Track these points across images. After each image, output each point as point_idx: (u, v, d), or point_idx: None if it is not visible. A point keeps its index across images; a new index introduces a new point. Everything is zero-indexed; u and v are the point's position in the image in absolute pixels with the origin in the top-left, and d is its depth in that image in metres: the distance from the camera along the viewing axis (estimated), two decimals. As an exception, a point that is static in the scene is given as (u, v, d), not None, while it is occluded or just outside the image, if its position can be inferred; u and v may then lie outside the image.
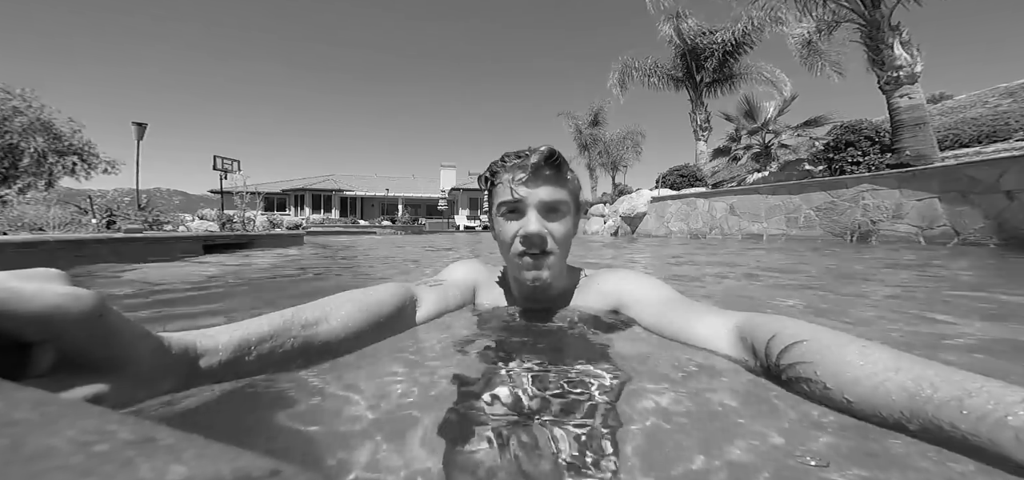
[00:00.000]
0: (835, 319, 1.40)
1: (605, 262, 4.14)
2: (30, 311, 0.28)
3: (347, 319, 0.63)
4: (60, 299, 0.29)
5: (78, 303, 0.31)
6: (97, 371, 0.34)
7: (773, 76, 14.99)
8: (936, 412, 0.36)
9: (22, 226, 5.64)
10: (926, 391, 0.38)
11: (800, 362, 0.49)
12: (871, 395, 0.42)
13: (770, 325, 0.57)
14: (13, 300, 0.27)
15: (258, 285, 2.47)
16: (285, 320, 0.55)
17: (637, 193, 12.59)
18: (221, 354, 0.47)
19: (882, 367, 0.43)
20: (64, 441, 0.16)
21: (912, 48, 7.71)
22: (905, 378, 0.40)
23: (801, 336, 0.51)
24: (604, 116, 25.20)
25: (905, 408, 0.39)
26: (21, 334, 0.29)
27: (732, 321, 0.66)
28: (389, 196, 32.01)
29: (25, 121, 11.96)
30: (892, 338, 1.13)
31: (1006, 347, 1.02)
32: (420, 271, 3.16)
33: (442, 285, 0.94)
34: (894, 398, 0.40)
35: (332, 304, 0.64)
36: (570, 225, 0.85)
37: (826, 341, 0.49)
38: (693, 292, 2.00)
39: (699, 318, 0.71)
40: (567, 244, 0.86)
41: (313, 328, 0.58)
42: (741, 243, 7.16)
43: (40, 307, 0.28)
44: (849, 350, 0.46)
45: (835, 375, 0.46)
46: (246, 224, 9.05)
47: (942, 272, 2.66)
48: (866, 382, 0.43)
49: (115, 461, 0.15)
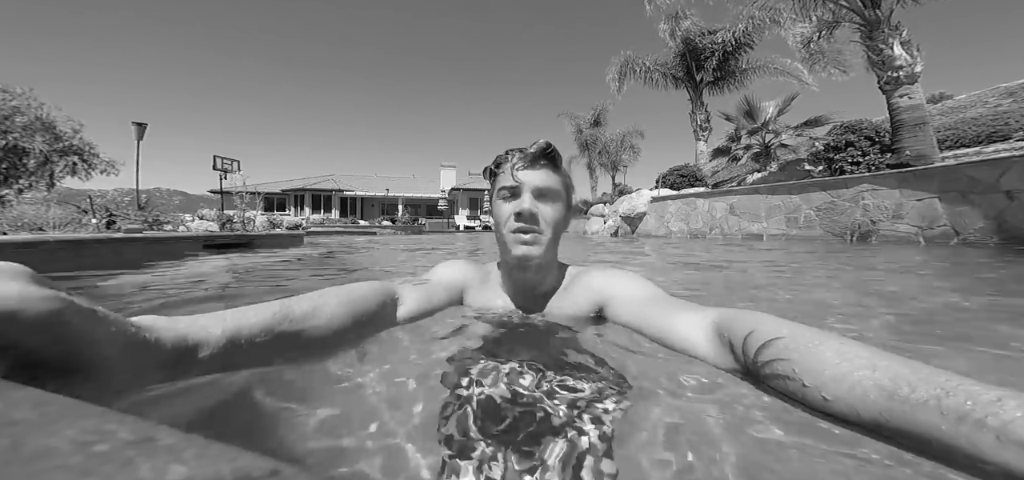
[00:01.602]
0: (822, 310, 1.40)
1: (604, 262, 4.14)
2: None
3: (332, 314, 0.64)
4: (11, 303, 0.28)
5: (30, 306, 0.29)
6: (58, 370, 0.33)
7: (786, 67, 14.47)
8: (913, 413, 0.36)
9: (22, 226, 5.64)
10: (904, 390, 0.37)
11: (777, 359, 0.49)
12: (848, 394, 0.42)
13: (748, 321, 0.57)
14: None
15: (258, 285, 2.47)
16: (273, 313, 0.55)
17: (637, 193, 12.59)
18: (213, 345, 0.47)
19: (859, 365, 0.42)
20: (64, 441, 0.16)
21: (912, 48, 7.70)
22: (882, 377, 0.40)
23: (779, 333, 0.51)
24: (605, 116, 25.22)
25: (883, 408, 0.38)
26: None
27: (710, 317, 0.66)
28: (389, 196, 32.00)
29: (25, 121, 11.95)
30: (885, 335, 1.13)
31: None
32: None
33: (427, 284, 0.95)
34: (872, 398, 0.40)
35: (318, 299, 0.65)
36: (561, 212, 0.92)
37: (804, 338, 0.49)
38: (697, 283, 2.00)
39: (678, 315, 0.73)
40: (557, 230, 0.92)
41: (300, 323, 0.59)
42: (742, 243, 7.16)
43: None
44: (826, 347, 0.46)
45: (813, 373, 0.45)
46: (246, 224, 9.04)
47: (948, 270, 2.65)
48: (843, 381, 0.42)
49: (115, 461, 0.15)
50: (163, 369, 0.42)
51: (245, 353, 0.50)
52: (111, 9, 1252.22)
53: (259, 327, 0.52)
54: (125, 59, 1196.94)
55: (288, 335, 0.56)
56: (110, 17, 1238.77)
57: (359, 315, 0.70)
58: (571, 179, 0.98)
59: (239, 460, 0.15)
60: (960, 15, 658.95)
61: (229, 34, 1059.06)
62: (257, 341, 0.51)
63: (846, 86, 13.19)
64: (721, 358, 0.62)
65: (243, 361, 0.50)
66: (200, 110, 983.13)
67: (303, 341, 0.59)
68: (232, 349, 0.48)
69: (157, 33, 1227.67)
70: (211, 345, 0.46)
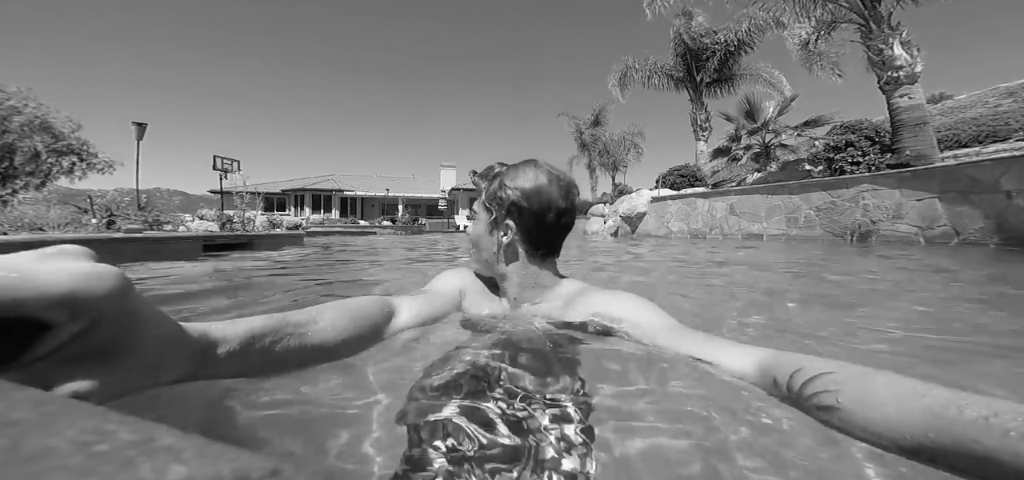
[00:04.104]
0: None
1: (607, 262, 4.14)
2: (40, 295, 0.28)
3: (332, 321, 0.65)
4: (78, 281, 0.29)
5: (100, 283, 0.30)
6: (106, 353, 0.33)
7: (772, 78, 15.02)
8: (962, 431, 0.36)
9: (22, 226, 5.64)
10: (952, 412, 0.38)
11: (825, 390, 0.48)
12: (895, 417, 0.42)
13: (794, 361, 0.55)
14: (19, 285, 0.27)
15: (258, 285, 2.47)
16: (277, 320, 0.56)
17: (637, 193, 12.59)
18: (230, 344, 0.47)
19: (908, 391, 0.42)
20: (64, 441, 0.16)
21: (912, 48, 7.71)
22: (932, 402, 0.40)
23: (827, 369, 0.50)
24: (605, 117, 25.23)
25: (930, 428, 0.38)
26: (42, 317, 0.29)
27: (755, 356, 0.62)
28: (389, 196, 32.00)
29: (23, 120, 11.94)
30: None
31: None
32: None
33: (425, 294, 0.95)
34: (919, 419, 0.40)
35: (319, 309, 0.66)
36: (482, 227, 0.98)
37: (853, 372, 0.49)
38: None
39: (715, 348, 0.67)
40: (481, 242, 0.99)
41: (304, 328, 0.59)
42: (742, 243, 7.16)
43: (53, 291, 0.28)
44: (875, 379, 0.46)
45: (860, 401, 0.45)
46: (246, 224, 9.04)
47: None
48: (891, 405, 0.42)
49: (115, 461, 0.15)
50: (191, 362, 0.43)
51: (257, 355, 0.51)
52: (111, 9, 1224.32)
53: (268, 329, 0.53)
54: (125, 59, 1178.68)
55: (292, 338, 0.57)
56: (110, 17, 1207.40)
57: (358, 322, 0.70)
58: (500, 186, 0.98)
59: (239, 460, 0.15)
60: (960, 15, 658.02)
61: (229, 34, 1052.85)
62: (267, 343, 0.53)
63: (846, 86, 13.22)
64: (763, 389, 0.59)
65: (255, 363, 0.51)
66: (200, 110, 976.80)
67: (307, 347, 0.59)
68: (247, 350, 0.49)
69: (157, 33, 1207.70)
70: (229, 344, 0.47)
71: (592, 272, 3.24)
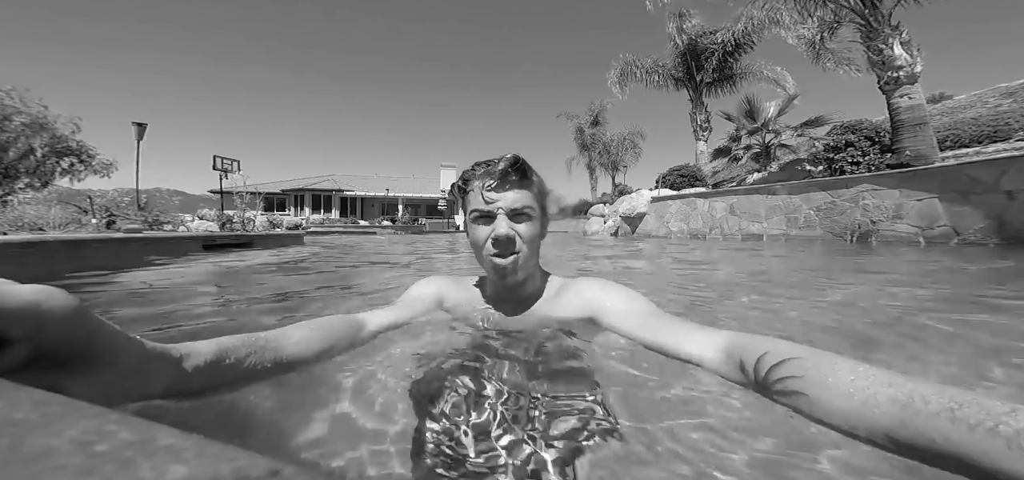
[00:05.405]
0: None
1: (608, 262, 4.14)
2: (7, 307, 0.29)
3: (304, 336, 0.67)
4: (37, 295, 0.31)
5: (53, 299, 0.32)
6: (72, 368, 0.35)
7: (775, 74, 14.92)
8: (926, 423, 0.37)
9: (22, 226, 5.64)
10: (917, 404, 0.38)
11: (790, 376, 0.49)
12: (861, 408, 0.42)
13: (761, 344, 0.56)
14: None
15: (258, 285, 2.47)
16: (247, 337, 0.58)
17: (637, 193, 12.58)
18: (200, 359, 0.49)
19: (873, 381, 0.43)
20: (64, 441, 0.16)
21: (912, 48, 7.70)
22: (897, 392, 0.40)
23: (794, 354, 0.51)
24: (605, 116, 25.22)
25: (895, 419, 0.39)
26: (2, 329, 0.30)
27: (721, 338, 0.64)
28: (389, 196, 31.98)
29: (24, 120, 11.92)
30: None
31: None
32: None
33: (397, 303, 0.97)
34: (885, 410, 0.40)
35: (289, 327, 0.69)
36: (537, 226, 0.90)
37: (819, 359, 0.49)
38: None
39: (686, 334, 0.70)
40: (535, 243, 0.90)
41: (274, 343, 0.61)
42: (742, 243, 7.16)
43: (16, 303, 0.30)
44: (841, 367, 0.46)
45: (826, 388, 0.46)
46: (246, 224, 9.04)
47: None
48: (857, 395, 0.43)
49: (115, 461, 0.15)
50: (159, 380, 0.44)
51: (228, 369, 0.52)
52: (111, 9, 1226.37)
53: (238, 345, 0.55)
54: (125, 59, 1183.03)
55: (264, 352, 0.59)
56: (110, 17, 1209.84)
57: (326, 336, 0.72)
58: (543, 182, 0.94)
59: (239, 460, 0.15)
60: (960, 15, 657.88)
61: (229, 35, 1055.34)
62: (237, 358, 0.54)
63: (846, 86, 13.22)
64: (730, 375, 0.61)
65: (227, 377, 0.53)
66: (200, 110, 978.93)
67: (278, 360, 0.61)
68: (217, 364, 0.51)
69: (157, 34, 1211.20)
70: (199, 358, 0.49)
71: (592, 273, 3.24)
